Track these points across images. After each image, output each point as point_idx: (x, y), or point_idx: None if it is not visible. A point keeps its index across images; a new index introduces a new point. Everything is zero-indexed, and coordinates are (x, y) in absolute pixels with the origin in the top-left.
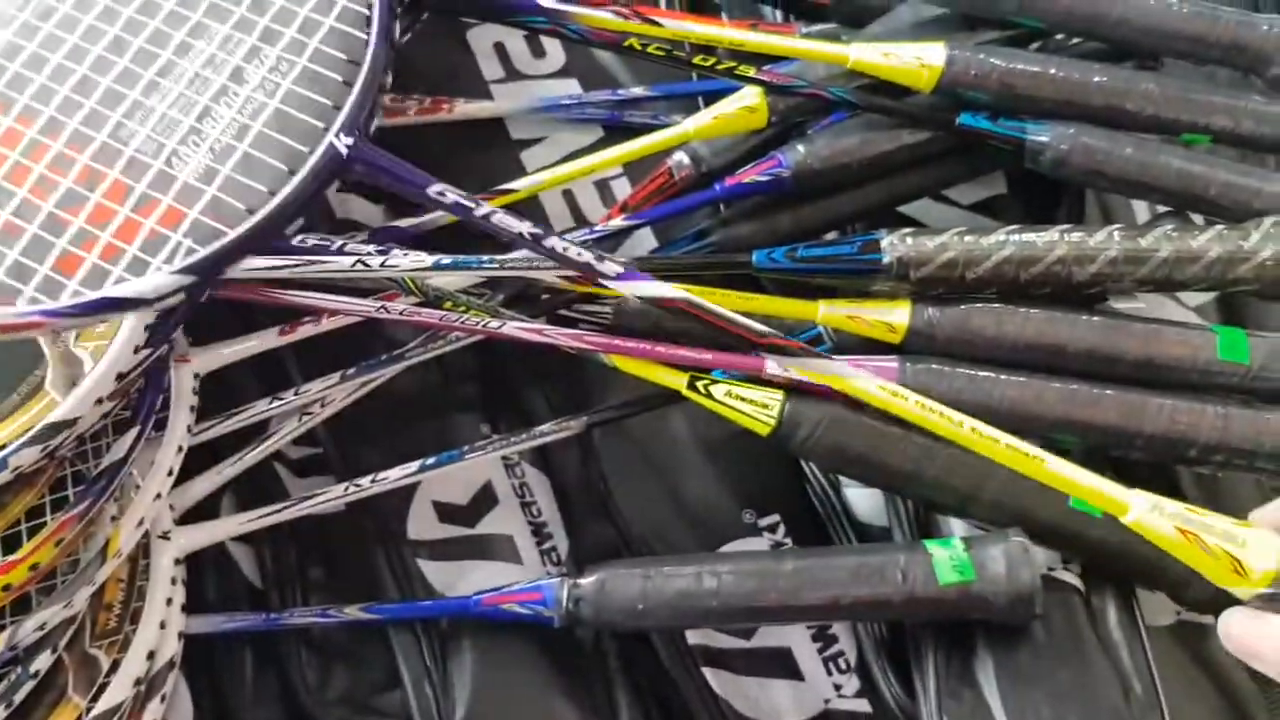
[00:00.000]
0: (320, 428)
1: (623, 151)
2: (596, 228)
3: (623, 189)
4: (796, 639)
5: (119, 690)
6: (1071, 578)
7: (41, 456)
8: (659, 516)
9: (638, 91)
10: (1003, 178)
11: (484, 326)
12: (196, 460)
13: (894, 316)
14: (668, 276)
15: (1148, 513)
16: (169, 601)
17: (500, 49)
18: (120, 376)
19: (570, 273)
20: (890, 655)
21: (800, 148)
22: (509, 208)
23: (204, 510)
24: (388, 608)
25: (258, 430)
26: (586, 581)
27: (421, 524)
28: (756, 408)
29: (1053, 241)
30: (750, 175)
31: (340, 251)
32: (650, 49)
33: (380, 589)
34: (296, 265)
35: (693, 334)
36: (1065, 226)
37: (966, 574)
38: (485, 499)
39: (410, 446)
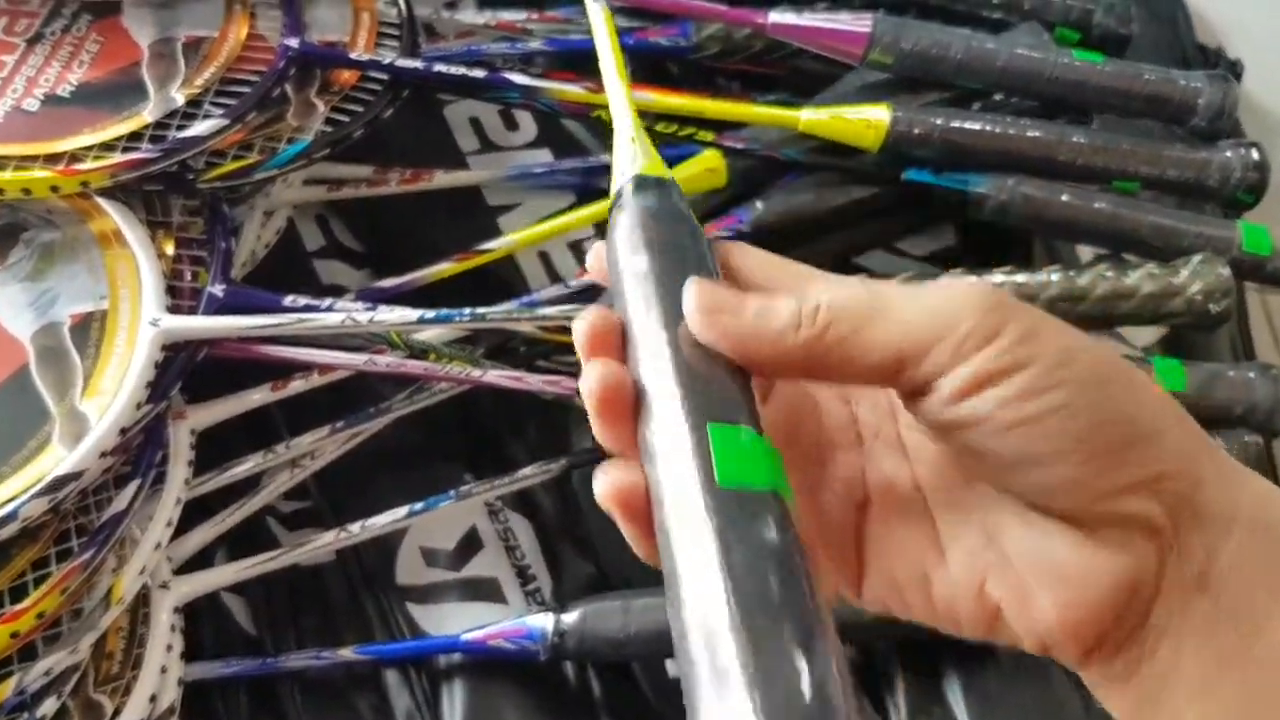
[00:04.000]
0: (310, 481)
1: (593, 210)
2: (570, 283)
3: None
4: None
5: None
6: None
7: (49, 508)
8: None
9: (606, 159)
10: (953, 231)
11: (467, 375)
12: (189, 516)
13: None
14: None
15: None
16: (169, 648)
17: (475, 123)
18: (123, 431)
19: (549, 323)
20: (861, 677)
21: (758, 204)
22: None
23: (198, 565)
24: (378, 647)
25: (249, 486)
26: (570, 616)
27: (409, 570)
28: None
29: (998, 283)
30: (712, 231)
31: (330, 309)
32: None
33: (370, 634)
34: (288, 324)
35: None
36: (1009, 268)
37: None
38: (470, 544)
39: (397, 498)
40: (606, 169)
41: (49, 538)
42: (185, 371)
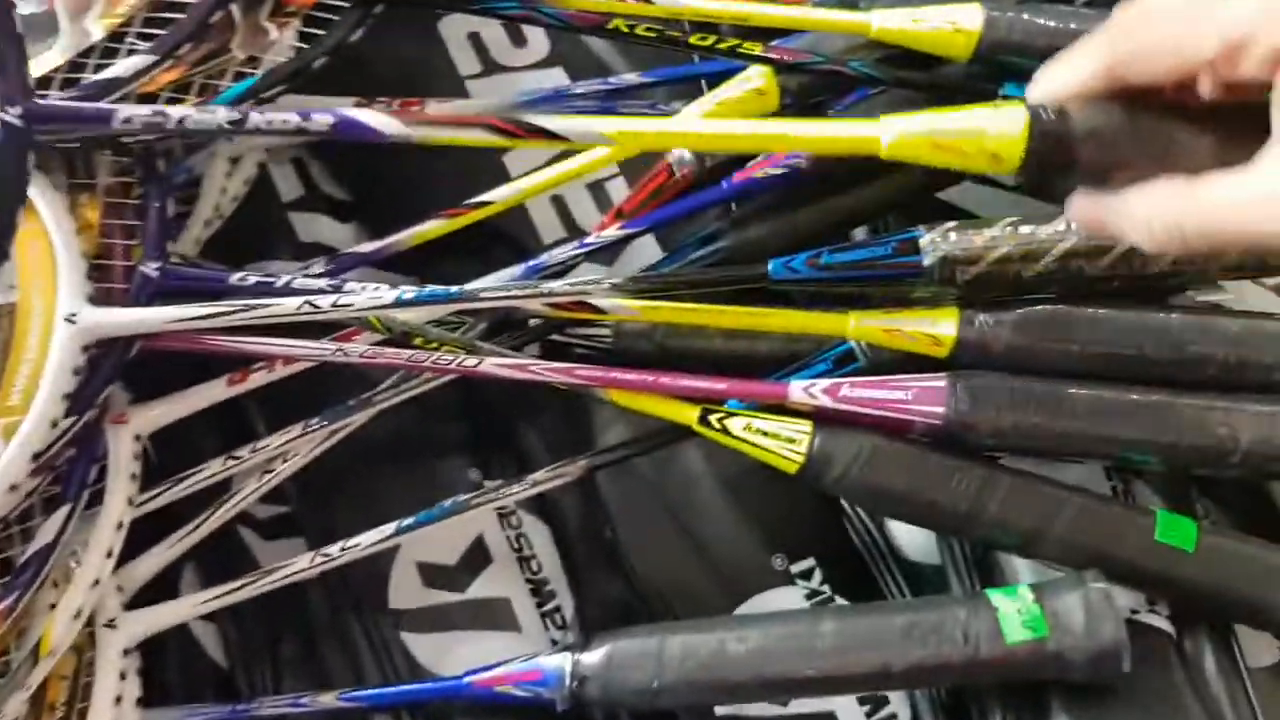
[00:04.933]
0: (287, 484)
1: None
2: (588, 239)
3: (619, 191)
4: (840, 700)
5: None
6: (1160, 621)
7: None
8: (675, 567)
9: (631, 79)
10: None
11: (459, 364)
12: (153, 527)
13: (939, 327)
14: (670, 296)
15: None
16: (118, 700)
17: (476, 40)
18: (37, 456)
19: (559, 300)
20: (950, 717)
21: None
22: None
23: (163, 582)
24: (367, 694)
25: (220, 491)
26: (591, 656)
27: (404, 590)
28: (781, 443)
29: None
30: (762, 168)
31: (287, 291)
32: (639, 30)
33: (360, 667)
34: (232, 312)
35: (705, 355)
36: None
37: (1038, 630)
38: (477, 556)
39: (390, 499)
40: (630, 90)
41: None
42: (116, 374)
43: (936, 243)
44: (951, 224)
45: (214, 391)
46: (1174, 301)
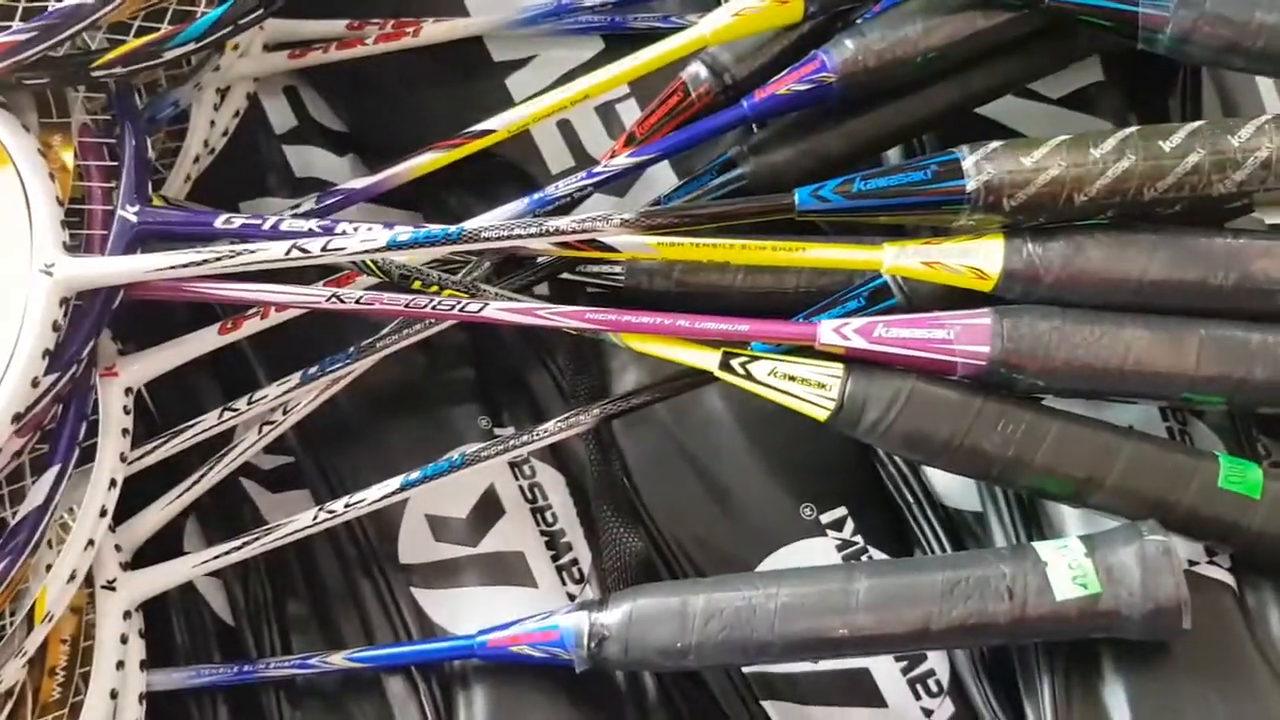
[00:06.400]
0: (291, 434)
1: (626, 68)
2: (597, 169)
3: (631, 113)
4: (875, 657)
5: None
6: (1220, 573)
7: None
8: (697, 517)
9: None
10: (1098, 62)
11: (461, 310)
12: (156, 481)
13: (984, 258)
14: (687, 230)
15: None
16: (120, 665)
17: None
18: (18, 418)
19: (567, 238)
20: (992, 674)
21: (848, 43)
22: None
23: (167, 538)
24: (376, 654)
25: (221, 444)
26: (610, 615)
27: (414, 544)
28: (811, 388)
29: (1185, 145)
30: (786, 84)
31: (275, 234)
32: None
33: (370, 624)
34: (216, 259)
35: (725, 293)
36: (1199, 125)
37: (1090, 585)
38: (488, 508)
39: (397, 449)
40: (639, 2)
41: None
42: (100, 326)
43: (981, 165)
44: (996, 144)
45: (206, 340)
46: (1238, 225)
